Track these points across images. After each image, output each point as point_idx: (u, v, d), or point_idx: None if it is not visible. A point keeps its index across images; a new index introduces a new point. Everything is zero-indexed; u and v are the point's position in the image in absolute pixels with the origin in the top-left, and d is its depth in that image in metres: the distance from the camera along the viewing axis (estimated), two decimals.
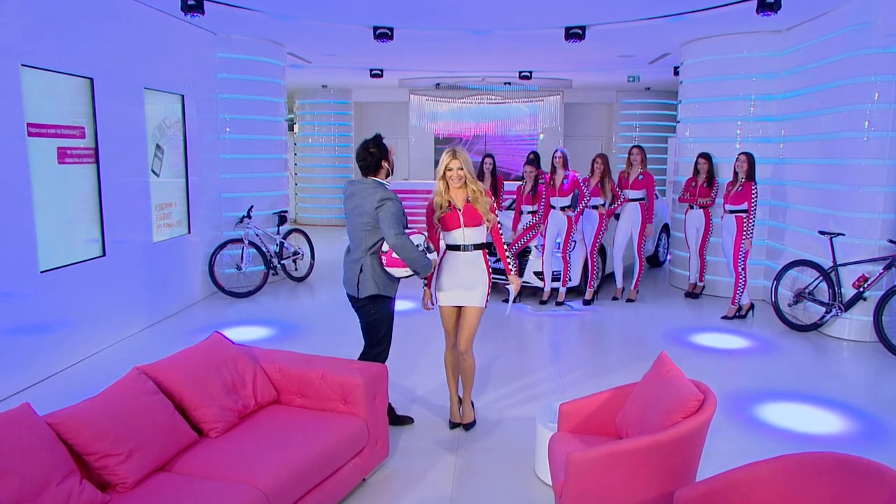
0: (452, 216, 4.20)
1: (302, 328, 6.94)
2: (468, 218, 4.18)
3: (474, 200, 4.18)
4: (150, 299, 6.98)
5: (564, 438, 3.34)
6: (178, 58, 7.53)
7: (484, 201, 4.19)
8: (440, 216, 4.23)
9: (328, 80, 14.11)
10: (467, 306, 4.26)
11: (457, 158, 4.15)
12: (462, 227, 4.19)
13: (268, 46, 8.89)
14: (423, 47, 9.75)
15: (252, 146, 8.82)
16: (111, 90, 6.12)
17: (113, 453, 2.83)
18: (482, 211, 4.18)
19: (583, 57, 10.44)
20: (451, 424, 4.50)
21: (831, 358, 6.23)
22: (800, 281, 6.97)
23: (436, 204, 4.23)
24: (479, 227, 4.21)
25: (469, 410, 4.50)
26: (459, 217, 4.18)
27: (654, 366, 3.27)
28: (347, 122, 15.48)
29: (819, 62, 7.02)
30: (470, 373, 4.39)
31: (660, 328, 7.03)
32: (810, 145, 7.21)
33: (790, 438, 4.35)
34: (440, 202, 4.22)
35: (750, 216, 7.00)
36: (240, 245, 8.35)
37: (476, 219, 4.18)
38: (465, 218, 4.18)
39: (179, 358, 3.55)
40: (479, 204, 4.18)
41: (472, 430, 4.46)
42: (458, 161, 4.14)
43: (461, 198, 4.20)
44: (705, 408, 2.87)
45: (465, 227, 4.19)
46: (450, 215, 4.20)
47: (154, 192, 7.04)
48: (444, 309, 4.33)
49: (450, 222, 4.22)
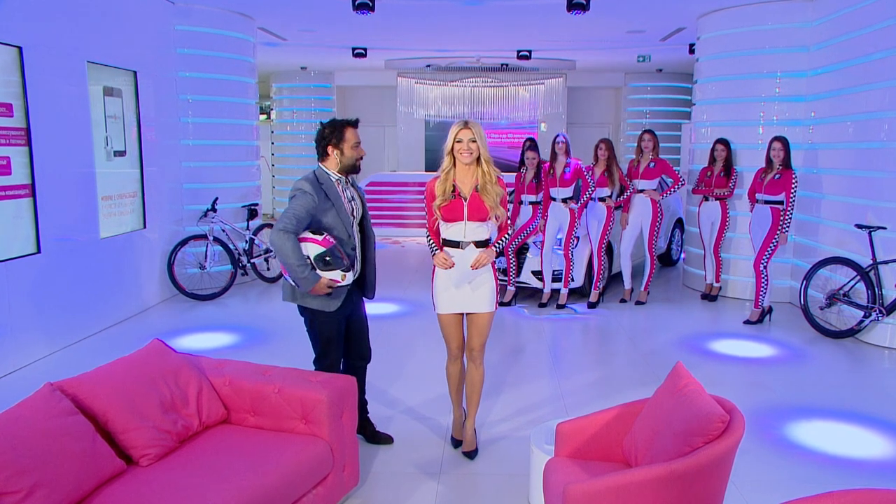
0: (455, 206, 3.86)
1: (272, 335, 6.80)
2: (473, 210, 3.85)
3: (482, 188, 3.82)
4: (96, 303, 6.77)
5: (562, 465, 3.16)
6: (128, 28, 7.34)
7: (494, 191, 3.84)
8: (441, 204, 3.89)
9: (307, 61, 14.15)
10: (474, 312, 3.99)
11: (468, 128, 3.79)
12: (465, 220, 3.87)
13: (235, 19, 8.78)
14: (409, 22, 9.73)
15: (218, 131, 8.73)
16: (45, 62, 5.90)
17: (8, 491, 2.51)
18: (489, 203, 3.83)
19: (587, 33, 10.44)
20: (455, 442, 4.30)
21: (871, 368, 6.09)
22: (833, 281, 6.87)
23: (437, 188, 3.90)
24: (483, 223, 3.89)
25: (472, 437, 4.23)
26: (464, 208, 3.85)
27: (669, 378, 3.08)
28: (329, 108, 15.49)
29: (855, 32, 6.88)
30: (478, 387, 4.15)
31: (674, 334, 6.94)
32: (845, 127, 7.10)
33: (828, 464, 4.17)
34: (444, 187, 3.88)
35: (788, 207, 6.91)
36: (203, 242, 8.26)
37: (482, 212, 3.85)
38: (470, 210, 3.85)
39: (105, 371, 3.28)
40: (487, 194, 3.82)
41: (456, 453, 4.26)
42: (469, 131, 3.78)
43: (469, 183, 3.86)
44: (731, 431, 2.66)
45: (469, 221, 3.87)
46: (453, 204, 3.86)
47: (102, 180, 6.83)
48: (444, 317, 4.03)
49: (451, 213, 3.88)
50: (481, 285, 3.94)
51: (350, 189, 3.99)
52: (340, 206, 3.85)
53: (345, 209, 3.87)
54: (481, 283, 3.94)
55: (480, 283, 3.94)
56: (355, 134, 3.87)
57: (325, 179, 3.87)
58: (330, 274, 3.72)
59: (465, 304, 3.96)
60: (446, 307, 3.99)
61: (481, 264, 3.85)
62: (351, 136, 3.85)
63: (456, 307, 3.98)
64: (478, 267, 3.86)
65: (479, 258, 3.84)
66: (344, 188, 3.93)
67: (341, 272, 3.73)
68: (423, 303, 7.54)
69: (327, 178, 3.88)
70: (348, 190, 3.96)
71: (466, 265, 3.87)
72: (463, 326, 4.10)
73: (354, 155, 3.88)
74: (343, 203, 3.87)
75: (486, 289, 3.95)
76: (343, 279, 3.75)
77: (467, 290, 3.94)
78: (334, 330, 3.96)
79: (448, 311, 4.00)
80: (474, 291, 3.94)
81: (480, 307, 3.96)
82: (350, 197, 3.95)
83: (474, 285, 3.93)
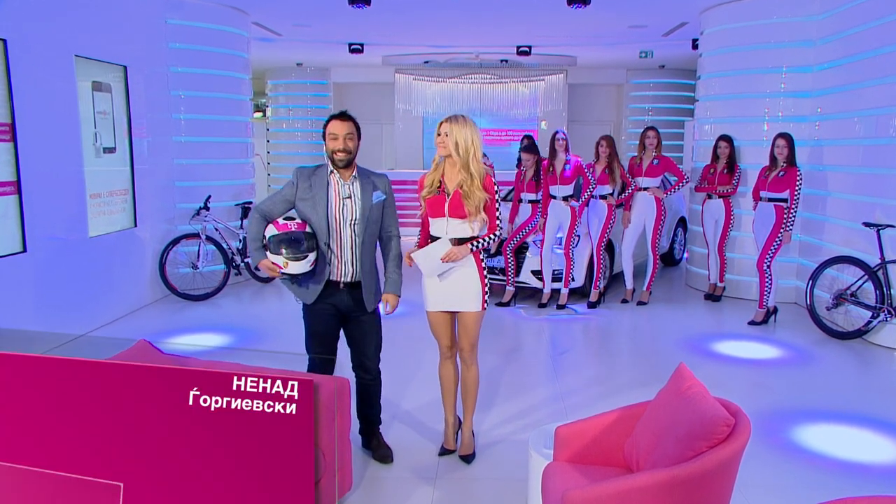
0: (438, 200, 3.85)
1: (265, 336, 6.76)
2: (454, 207, 3.82)
3: (466, 191, 3.78)
4: (85, 303, 6.72)
5: (562, 469, 3.13)
6: (118, 22, 7.29)
7: (476, 196, 3.78)
8: (426, 196, 3.89)
9: (303, 57, 14.15)
10: (461, 312, 3.95)
11: (449, 122, 3.78)
12: (446, 216, 3.84)
13: (228, 13, 8.75)
14: (406, 17, 9.71)
15: (211, 128, 8.70)
16: (31, 56, 5.85)
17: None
18: (469, 208, 3.78)
19: (588, 28, 10.43)
20: (442, 450, 4.23)
21: (879, 370, 6.06)
22: (840, 281, 6.82)
23: (426, 180, 3.93)
24: (465, 221, 3.84)
25: (469, 439, 4.17)
26: (445, 203, 3.83)
27: (672, 380, 3.05)
28: (326, 104, 15.50)
29: (863, 26, 6.82)
30: (473, 388, 4.11)
31: (676, 335, 6.91)
32: (852, 123, 7.06)
33: (837, 468, 4.13)
34: (431, 179, 3.89)
35: (792, 205, 6.89)
36: (196, 241, 8.23)
37: (463, 211, 3.81)
38: (451, 207, 3.82)
39: None
40: (468, 197, 3.77)
41: (453, 457, 4.20)
42: (448, 124, 3.78)
43: (454, 180, 3.83)
44: (737, 435, 2.61)
45: (450, 218, 3.84)
46: (436, 199, 3.85)
47: (91, 178, 6.78)
48: (432, 315, 4.02)
49: (434, 208, 3.87)
50: (467, 286, 3.90)
51: (352, 188, 3.86)
52: (321, 200, 3.79)
53: (325, 204, 3.79)
54: (467, 282, 3.90)
55: (465, 284, 3.90)
56: (334, 125, 3.80)
57: (321, 171, 3.86)
58: (274, 258, 3.74)
59: (451, 302, 3.95)
60: (433, 305, 3.99)
61: (450, 258, 3.81)
62: (330, 128, 3.80)
63: (442, 305, 3.97)
64: (447, 260, 3.82)
65: (448, 252, 3.81)
66: (341, 184, 3.83)
67: (285, 259, 3.72)
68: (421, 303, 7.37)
69: (323, 171, 3.86)
70: (347, 188, 3.84)
71: (438, 258, 3.84)
72: (453, 326, 4.07)
73: (331, 147, 3.81)
74: (328, 198, 3.80)
75: (472, 288, 3.91)
76: (286, 266, 3.72)
77: (453, 288, 3.91)
78: (316, 324, 3.96)
79: (435, 308, 3.99)
80: (459, 293, 3.91)
81: (466, 306, 3.93)
82: (347, 195, 3.83)
83: (459, 286, 3.89)
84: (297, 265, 3.73)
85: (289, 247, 3.70)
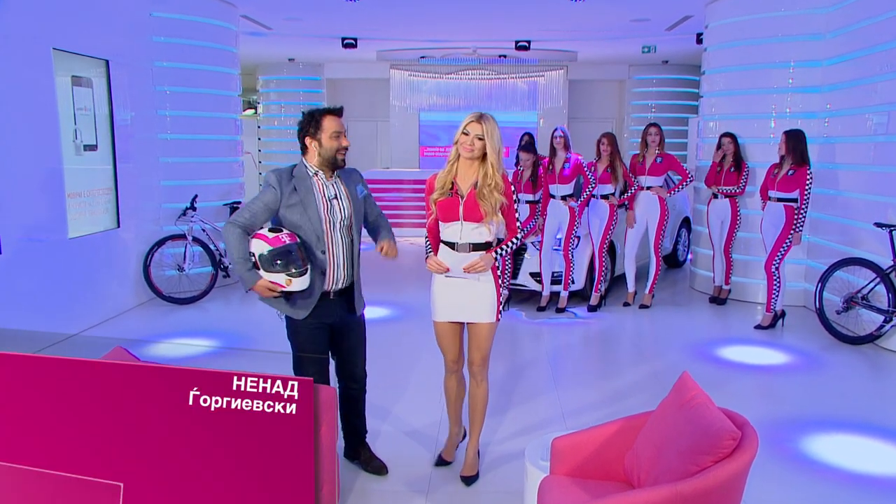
0: (451, 203, 3.70)
1: (253, 341, 6.72)
2: (469, 210, 3.68)
3: (479, 191, 3.64)
4: (64, 307, 6.63)
5: (559, 484, 3.07)
6: (99, 13, 7.24)
7: (493, 198, 3.65)
8: (437, 199, 3.74)
9: (295, 53, 14.20)
10: (474, 322, 3.81)
11: (479, 123, 3.60)
12: (461, 220, 3.70)
13: (215, 6, 8.73)
14: (401, 9, 9.75)
15: (198, 125, 8.67)
16: (5, 48, 5.79)
17: None
18: (484, 209, 3.64)
19: (589, 21, 10.47)
20: (438, 461, 4.14)
21: (892, 377, 6.02)
22: (851, 283, 6.78)
23: (437, 181, 3.75)
24: (481, 224, 3.70)
25: (473, 460, 4.04)
26: (459, 206, 3.69)
27: (675, 389, 2.99)
28: (319, 101, 15.50)
29: (874, 18, 6.78)
30: (481, 406, 3.97)
31: (680, 340, 6.88)
32: (863, 120, 7.02)
33: (849, 481, 4.07)
34: (444, 181, 3.72)
35: (802, 206, 6.84)
36: (182, 242, 8.19)
37: (479, 214, 3.67)
38: (466, 210, 3.68)
39: None
40: (484, 199, 3.63)
41: (449, 468, 4.12)
42: (480, 126, 3.60)
43: (469, 181, 3.69)
44: (743, 449, 2.55)
45: (465, 221, 3.70)
46: (449, 201, 3.70)
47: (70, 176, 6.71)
48: (440, 325, 3.87)
49: (447, 211, 3.72)
50: (481, 295, 3.77)
51: (336, 186, 3.74)
52: (311, 204, 3.62)
53: (317, 207, 3.63)
54: (481, 290, 3.76)
55: (479, 293, 3.76)
56: (335, 122, 3.63)
57: (299, 173, 3.67)
58: (273, 276, 3.51)
59: (463, 312, 3.80)
60: (443, 315, 3.83)
61: (475, 270, 3.66)
62: (329, 125, 3.61)
63: (453, 315, 3.82)
64: (471, 272, 3.67)
65: (473, 263, 3.66)
66: (325, 184, 3.69)
67: (287, 276, 3.50)
68: (415, 307, 7.45)
69: (303, 172, 3.67)
70: (332, 187, 3.71)
71: (460, 268, 3.70)
72: (462, 337, 3.94)
73: (334, 145, 3.62)
74: (317, 201, 3.64)
75: (487, 297, 3.77)
76: (288, 284, 3.51)
77: (466, 297, 3.76)
78: (308, 341, 3.76)
79: (444, 319, 3.84)
80: (472, 303, 3.77)
81: (479, 317, 3.79)
82: (333, 195, 3.70)
83: (472, 294, 3.75)
84: (299, 281, 3.54)
85: (288, 260, 3.49)
